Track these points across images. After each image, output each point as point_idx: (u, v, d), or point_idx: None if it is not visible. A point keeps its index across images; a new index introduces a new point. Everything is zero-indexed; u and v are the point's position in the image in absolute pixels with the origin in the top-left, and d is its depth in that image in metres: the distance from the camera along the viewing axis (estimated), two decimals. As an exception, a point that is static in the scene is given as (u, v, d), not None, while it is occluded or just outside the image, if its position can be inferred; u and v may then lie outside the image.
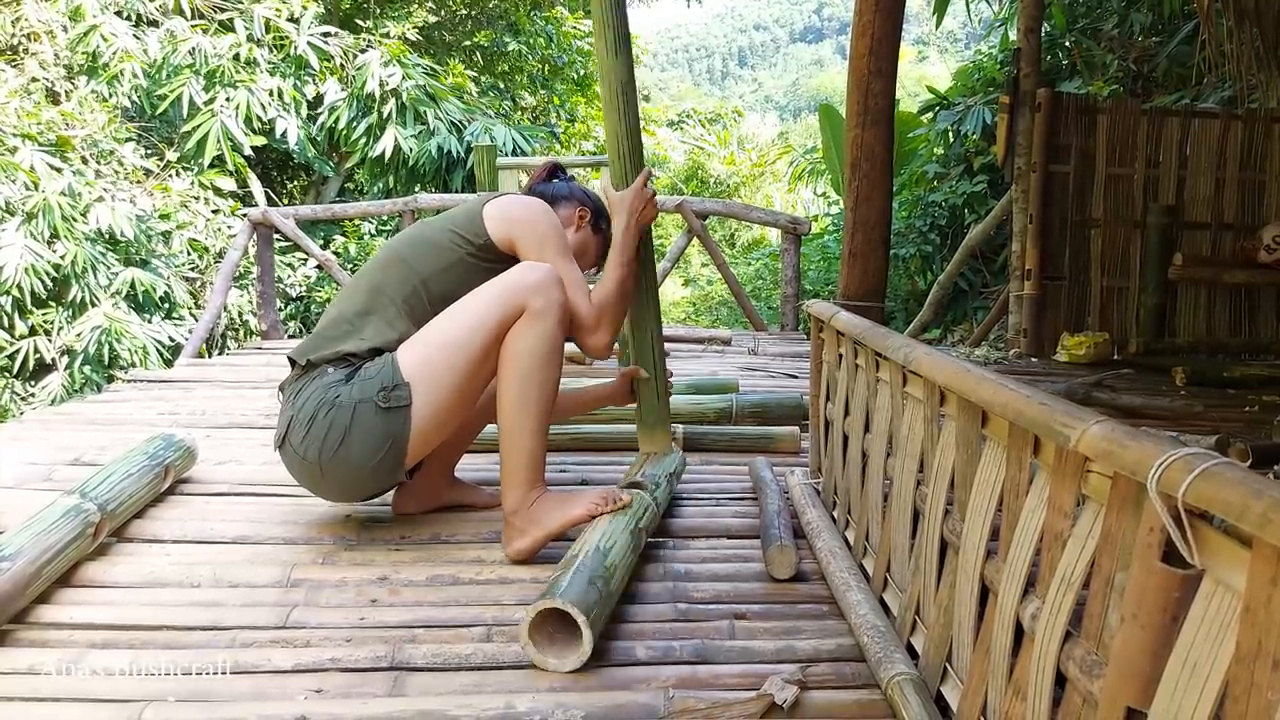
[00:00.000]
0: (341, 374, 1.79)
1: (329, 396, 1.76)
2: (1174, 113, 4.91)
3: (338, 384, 1.77)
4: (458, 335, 1.79)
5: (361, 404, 1.75)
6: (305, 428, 1.77)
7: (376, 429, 1.75)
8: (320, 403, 1.76)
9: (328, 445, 1.75)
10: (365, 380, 1.76)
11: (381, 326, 1.85)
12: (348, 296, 1.93)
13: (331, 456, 1.76)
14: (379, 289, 1.89)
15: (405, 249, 1.94)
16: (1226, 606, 0.73)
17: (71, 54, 6.82)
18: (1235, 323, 4.88)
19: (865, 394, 1.82)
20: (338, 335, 1.85)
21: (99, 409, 3.28)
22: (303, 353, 1.86)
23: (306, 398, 1.78)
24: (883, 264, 4.69)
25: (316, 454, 1.77)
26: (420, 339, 1.81)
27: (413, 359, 1.78)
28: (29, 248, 5.42)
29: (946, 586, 1.31)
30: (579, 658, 1.41)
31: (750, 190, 14.56)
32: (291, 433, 1.79)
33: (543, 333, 1.80)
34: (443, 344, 1.79)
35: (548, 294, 1.81)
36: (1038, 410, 1.02)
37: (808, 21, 65.00)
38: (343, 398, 1.76)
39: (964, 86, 8.06)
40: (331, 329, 1.87)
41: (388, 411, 1.75)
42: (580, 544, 1.62)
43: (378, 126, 7.67)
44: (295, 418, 1.79)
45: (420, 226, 2.01)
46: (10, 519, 1.83)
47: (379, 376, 1.76)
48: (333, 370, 1.79)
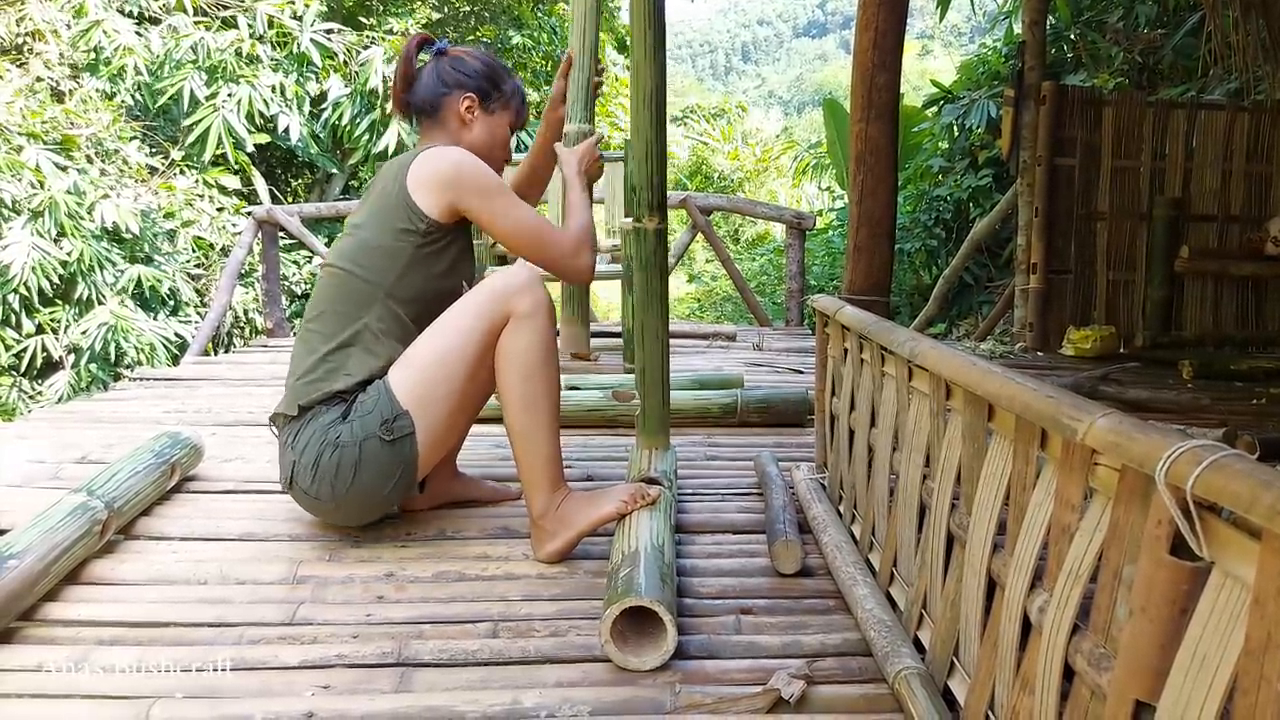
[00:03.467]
0: (336, 413, 1.75)
1: (330, 438, 1.73)
2: (1180, 105, 4.89)
3: (335, 423, 1.74)
4: (448, 352, 1.76)
5: (367, 441, 1.73)
6: (312, 471, 1.75)
7: (386, 461, 1.75)
8: (322, 444, 1.73)
9: (339, 484, 1.75)
10: (364, 416, 1.73)
11: (363, 357, 1.79)
12: (317, 332, 1.82)
13: (345, 492, 1.76)
14: (348, 317, 1.80)
15: (355, 265, 1.82)
16: (1235, 599, 0.73)
17: (74, 51, 6.83)
18: (1242, 315, 4.86)
19: (871, 388, 1.82)
20: (321, 377, 1.78)
21: (105, 407, 3.29)
22: (289, 404, 1.80)
23: (306, 442, 1.75)
24: (888, 258, 4.68)
25: (330, 493, 1.77)
26: (411, 362, 1.77)
27: (408, 385, 1.75)
28: (36, 245, 5.43)
29: (953, 580, 1.31)
30: (661, 655, 1.40)
31: (754, 185, 14.55)
32: (298, 476, 1.78)
33: (535, 333, 1.78)
34: (435, 363, 1.76)
35: (533, 294, 1.78)
36: (1044, 403, 1.02)
37: (811, 16, 64.87)
38: (344, 437, 1.73)
39: (968, 80, 8.03)
40: (312, 371, 1.79)
41: (393, 443, 1.74)
42: (630, 541, 1.62)
43: (381, 123, 7.66)
44: (298, 463, 1.76)
45: (358, 235, 1.85)
46: (18, 517, 1.84)
47: (378, 410, 1.73)
48: (326, 410, 1.76)
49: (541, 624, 1.54)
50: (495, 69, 1.98)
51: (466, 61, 1.95)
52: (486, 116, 1.96)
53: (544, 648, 1.46)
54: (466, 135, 1.94)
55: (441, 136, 1.95)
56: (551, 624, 1.54)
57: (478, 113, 1.94)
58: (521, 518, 1.95)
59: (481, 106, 1.95)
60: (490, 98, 1.96)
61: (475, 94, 1.93)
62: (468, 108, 1.93)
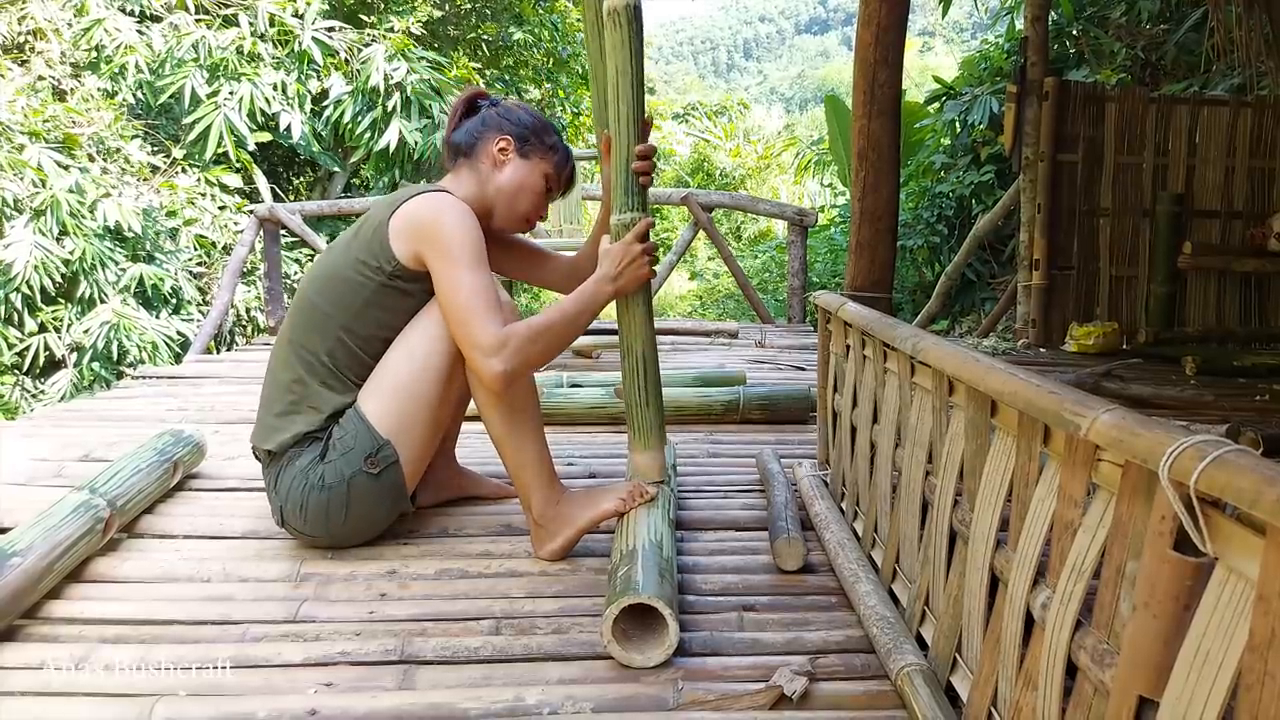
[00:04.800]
0: (313, 454, 1.75)
1: (312, 480, 1.73)
2: (1183, 100, 4.88)
3: (314, 464, 1.74)
4: (421, 373, 1.75)
5: (354, 478, 1.73)
6: (301, 514, 1.76)
7: (376, 493, 1.76)
8: (306, 488, 1.74)
9: (333, 521, 1.76)
10: (345, 454, 1.73)
11: (321, 391, 1.76)
12: (281, 359, 1.81)
13: (341, 526, 1.78)
14: (303, 347, 1.77)
15: (316, 294, 1.78)
16: (1239, 594, 0.72)
17: (76, 49, 6.83)
18: (1245, 311, 4.86)
19: (873, 385, 1.81)
20: (285, 410, 1.77)
21: (108, 405, 3.30)
22: (262, 439, 1.80)
23: (289, 486, 1.75)
24: (890, 255, 4.66)
25: (324, 530, 1.78)
26: (384, 389, 1.75)
27: (384, 413, 1.74)
28: (38, 244, 5.43)
29: (956, 577, 1.30)
30: (664, 651, 1.40)
31: (756, 183, 14.53)
32: (288, 517, 1.79)
33: None
34: (408, 386, 1.75)
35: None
36: (1048, 399, 1.01)
37: (813, 13, 64.76)
38: (329, 478, 1.73)
39: (970, 76, 8.01)
40: (277, 402, 1.78)
41: (380, 474, 1.75)
42: (629, 539, 1.62)
43: (382, 120, 7.65)
44: (285, 507, 1.77)
45: (328, 260, 1.82)
46: (21, 515, 1.84)
47: (358, 447, 1.73)
48: (301, 453, 1.75)
49: (544, 621, 1.54)
50: (543, 124, 1.91)
51: (514, 110, 1.91)
52: (520, 160, 1.87)
53: (546, 645, 1.46)
54: (497, 176, 1.86)
55: (469, 178, 1.87)
56: (554, 621, 1.54)
57: (512, 155, 1.86)
58: (523, 515, 1.95)
59: (517, 150, 1.87)
60: (528, 143, 1.87)
61: (513, 137, 1.87)
62: (501, 149, 1.86)
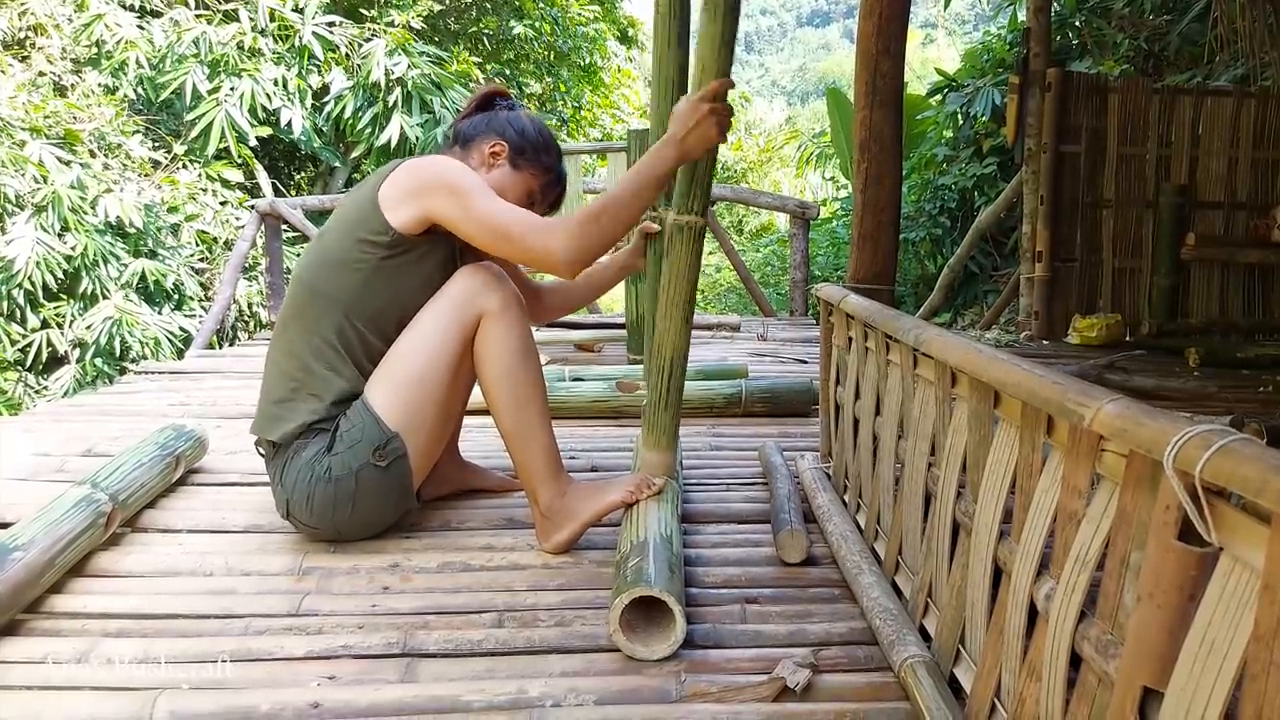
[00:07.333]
0: (319, 445, 1.72)
1: (318, 472, 1.71)
2: (1186, 91, 4.86)
3: (320, 455, 1.72)
4: (429, 367, 1.73)
5: (361, 470, 1.71)
6: (307, 507, 1.74)
7: (383, 486, 1.75)
8: (312, 480, 1.72)
9: (339, 514, 1.75)
10: (353, 446, 1.71)
11: (328, 377, 1.73)
12: (283, 346, 1.77)
13: (347, 519, 1.76)
14: (307, 332, 1.74)
15: (315, 277, 1.75)
16: (1245, 584, 0.72)
17: (76, 45, 6.82)
18: (1248, 303, 4.85)
19: (876, 377, 1.81)
20: (288, 398, 1.74)
21: (110, 400, 3.30)
22: (264, 429, 1.76)
23: (295, 479, 1.73)
24: (892, 247, 4.65)
25: (330, 522, 1.77)
26: (392, 380, 1.73)
27: (392, 405, 1.72)
28: (40, 240, 5.43)
29: (959, 568, 1.30)
30: (670, 645, 1.39)
31: (758, 176, 14.51)
32: (294, 510, 1.77)
33: (509, 329, 1.75)
34: (417, 380, 1.73)
35: (500, 290, 1.74)
36: (1051, 390, 1.01)
37: (815, 5, 64.59)
38: (336, 470, 1.71)
39: (973, 68, 7.99)
40: (277, 389, 1.76)
41: (388, 467, 1.74)
42: (639, 531, 1.61)
43: (383, 115, 7.64)
44: (291, 499, 1.75)
45: (323, 243, 1.79)
46: (23, 510, 1.85)
47: (366, 439, 1.71)
48: (307, 444, 1.73)
49: (547, 614, 1.54)
50: (546, 143, 1.90)
51: (522, 120, 1.90)
52: (510, 169, 1.86)
53: (549, 637, 1.46)
54: (482, 174, 1.85)
55: None
56: (557, 614, 1.54)
57: (503, 161, 1.86)
58: (526, 508, 1.95)
59: (509, 158, 1.86)
60: (523, 155, 1.87)
61: (509, 144, 1.86)
62: (494, 152, 1.85)
